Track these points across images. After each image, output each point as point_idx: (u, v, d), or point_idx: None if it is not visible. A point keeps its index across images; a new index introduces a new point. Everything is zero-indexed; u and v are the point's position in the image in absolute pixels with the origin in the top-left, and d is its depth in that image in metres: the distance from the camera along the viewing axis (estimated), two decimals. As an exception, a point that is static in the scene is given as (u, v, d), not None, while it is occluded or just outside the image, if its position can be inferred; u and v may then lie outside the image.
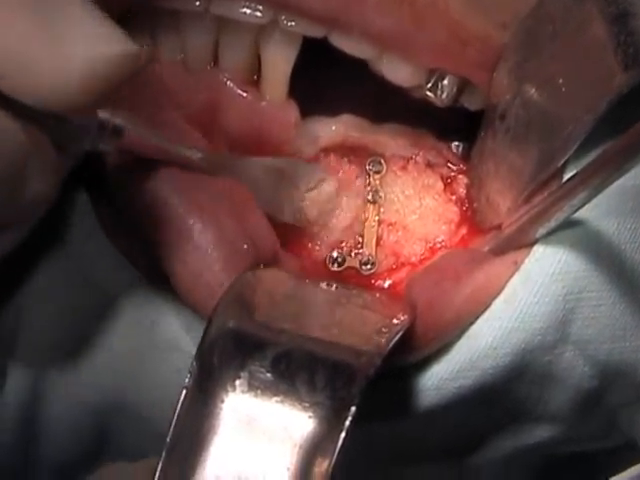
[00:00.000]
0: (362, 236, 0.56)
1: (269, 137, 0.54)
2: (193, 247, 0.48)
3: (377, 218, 0.56)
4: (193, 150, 0.50)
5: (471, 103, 0.55)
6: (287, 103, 0.55)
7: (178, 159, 0.49)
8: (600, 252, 0.50)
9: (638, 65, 0.45)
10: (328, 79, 0.58)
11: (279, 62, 0.54)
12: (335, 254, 0.56)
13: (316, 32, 0.52)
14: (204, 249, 0.48)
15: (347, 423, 0.40)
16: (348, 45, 0.52)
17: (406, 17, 0.49)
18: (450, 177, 0.57)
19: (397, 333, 0.46)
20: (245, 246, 0.49)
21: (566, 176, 0.51)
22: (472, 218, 0.56)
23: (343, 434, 0.40)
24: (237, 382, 0.41)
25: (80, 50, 0.37)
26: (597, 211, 0.50)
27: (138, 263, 0.52)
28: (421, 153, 0.58)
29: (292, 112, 0.55)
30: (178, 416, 0.41)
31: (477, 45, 0.50)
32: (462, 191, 0.57)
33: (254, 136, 0.54)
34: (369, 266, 0.56)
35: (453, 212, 0.56)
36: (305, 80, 0.54)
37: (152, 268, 0.50)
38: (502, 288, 0.51)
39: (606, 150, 0.43)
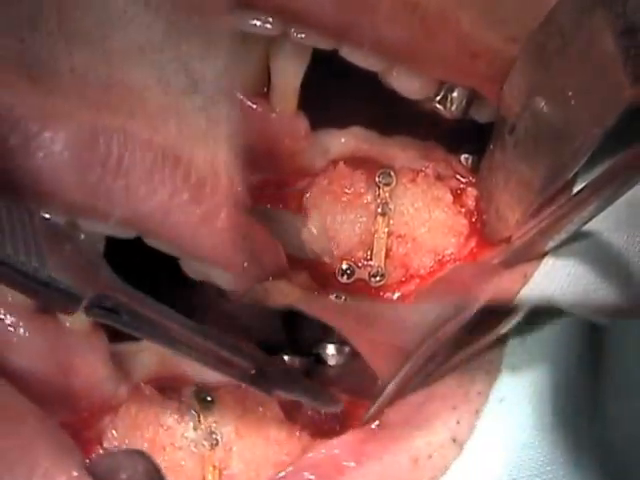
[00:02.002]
0: (371, 248, 0.56)
1: (279, 149, 0.55)
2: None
3: (386, 230, 0.56)
4: None
5: (480, 115, 0.55)
6: (297, 115, 0.55)
7: None
8: (609, 264, 0.50)
9: (647, 78, 0.45)
10: (338, 91, 0.58)
11: (289, 74, 0.54)
12: (345, 266, 0.56)
13: (326, 44, 0.52)
14: None
15: None
16: (358, 57, 0.52)
17: (417, 30, 0.49)
18: (459, 189, 0.57)
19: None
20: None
21: (575, 189, 0.51)
22: (481, 230, 0.56)
23: None
24: None
25: None
26: (606, 223, 0.50)
27: None
28: (431, 165, 0.58)
29: (302, 124, 0.55)
30: None
31: (487, 58, 0.50)
32: (471, 203, 0.57)
33: (264, 148, 0.54)
34: (378, 278, 0.56)
35: (462, 224, 0.56)
36: (315, 92, 0.55)
37: None
38: (511, 301, 0.51)
39: (615, 162, 0.44)
